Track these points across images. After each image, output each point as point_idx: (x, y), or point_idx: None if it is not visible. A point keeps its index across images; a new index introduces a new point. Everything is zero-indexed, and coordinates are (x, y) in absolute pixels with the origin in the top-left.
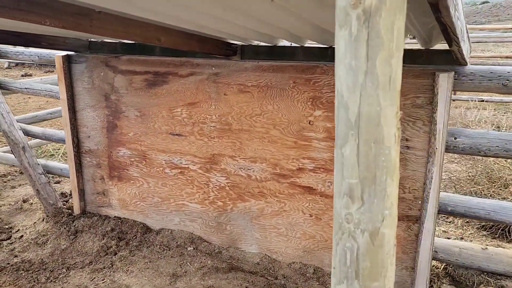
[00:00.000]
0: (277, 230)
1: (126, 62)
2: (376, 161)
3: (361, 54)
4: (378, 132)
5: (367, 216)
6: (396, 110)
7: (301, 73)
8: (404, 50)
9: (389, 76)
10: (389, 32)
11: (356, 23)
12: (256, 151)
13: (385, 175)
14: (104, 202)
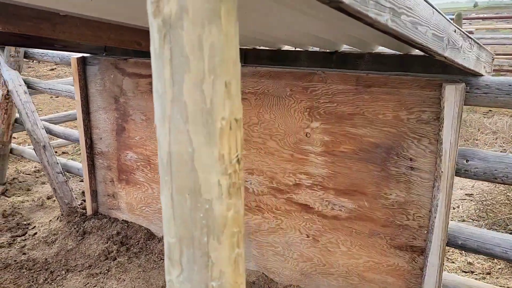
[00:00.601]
0: (274, 248)
1: (133, 65)
2: (193, 217)
3: (166, 76)
4: (192, 180)
5: (187, 287)
6: (221, 152)
7: (297, 81)
8: (416, 56)
9: (201, 106)
10: (196, 49)
11: (157, 36)
12: (253, 162)
13: (206, 236)
14: (114, 205)
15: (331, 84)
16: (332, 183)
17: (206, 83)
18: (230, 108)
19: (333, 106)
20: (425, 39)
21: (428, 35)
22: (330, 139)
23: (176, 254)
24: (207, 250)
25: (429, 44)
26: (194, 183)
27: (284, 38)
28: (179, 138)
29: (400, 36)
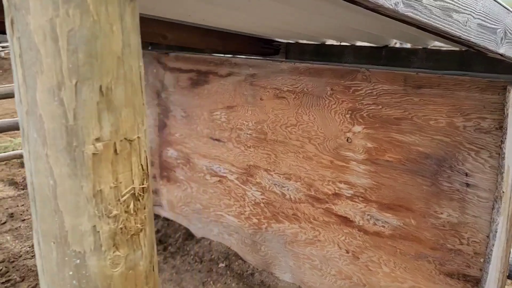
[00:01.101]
0: (311, 261)
1: (173, 60)
2: (61, 274)
3: (19, 78)
4: (57, 224)
5: None
6: (97, 186)
7: (339, 79)
8: (479, 53)
9: (61, 122)
10: (48, 39)
11: (7, 23)
12: (290, 167)
13: None
14: (156, 201)
15: (376, 83)
16: (375, 195)
17: (66, 89)
18: (114, 124)
19: (377, 108)
20: (465, 30)
21: (470, 25)
22: (373, 145)
23: None
24: None
25: (471, 37)
26: (59, 228)
27: (328, 32)
28: (38, 166)
29: (423, 26)
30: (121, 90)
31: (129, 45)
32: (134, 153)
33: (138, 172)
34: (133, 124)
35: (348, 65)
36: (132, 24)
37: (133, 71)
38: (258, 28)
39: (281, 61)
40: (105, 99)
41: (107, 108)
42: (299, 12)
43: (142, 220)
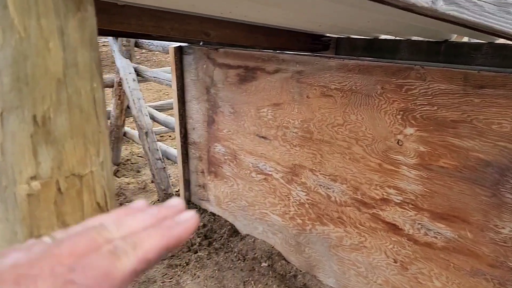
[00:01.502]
0: (356, 267)
1: (223, 55)
2: None
3: None
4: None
5: None
6: (34, 231)
7: (390, 77)
8: None
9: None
10: None
11: None
12: (336, 168)
13: None
14: (204, 196)
15: (432, 82)
16: (427, 203)
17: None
18: (55, 158)
19: (432, 109)
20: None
21: None
22: (426, 150)
23: None
24: None
25: None
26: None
27: (380, 28)
28: None
29: (471, 25)
30: (63, 119)
31: (75, 64)
32: (86, 190)
33: (92, 211)
34: (84, 156)
35: (401, 62)
36: (81, 39)
37: (82, 95)
38: (305, 24)
39: (329, 57)
40: (42, 130)
41: (45, 140)
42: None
43: None
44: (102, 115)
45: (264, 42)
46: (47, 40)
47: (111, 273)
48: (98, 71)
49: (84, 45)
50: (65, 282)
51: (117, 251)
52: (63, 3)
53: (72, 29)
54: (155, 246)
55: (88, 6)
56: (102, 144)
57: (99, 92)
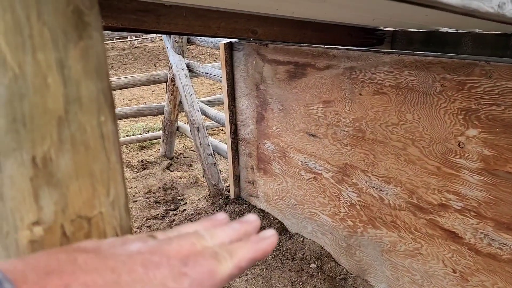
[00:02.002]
0: (410, 275)
1: (272, 51)
2: None
3: None
4: None
5: None
6: None
7: (451, 73)
8: None
9: None
10: None
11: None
12: (390, 169)
13: None
14: (253, 192)
15: (499, 79)
16: (492, 211)
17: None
18: (59, 202)
19: (499, 110)
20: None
21: None
22: (492, 153)
23: None
24: None
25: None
26: None
27: (440, 21)
28: None
29: None
30: (67, 159)
31: (78, 98)
32: (95, 232)
33: None
34: (91, 197)
35: (464, 57)
36: (85, 70)
37: (88, 131)
38: (357, 18)
39: (384, 52)
40: (43, 172)
41: (47, 183)
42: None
43: None
44: (112, 150)
45: (314, 38)
46: (45, 75)
47: (215, 273)
48: (107, 102)
49: (89, 76)
50: (179, 273)
51: (218, 256)
52: (62, 33)
53: (73, 60)
54: (247, 257)
55: (92, 33)
56: (113, 182)
57: (109, 125)
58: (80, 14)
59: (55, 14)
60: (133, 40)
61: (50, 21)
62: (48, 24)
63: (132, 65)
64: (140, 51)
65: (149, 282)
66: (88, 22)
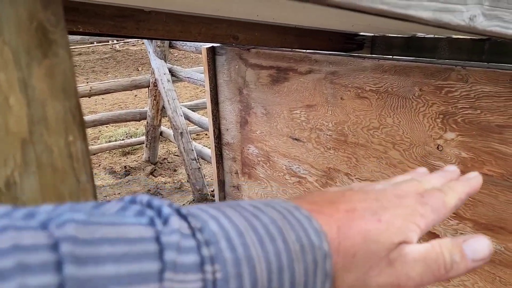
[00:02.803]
0: None
1: (255, 55)
2: None
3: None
4: None
5: None
6: None
7: (429, 78)
8: None
9: None
10: None
11: None
12: (372, 172)
13: None
14: (238, 197)
15: (475, 84)
16: (470, 212)
17: None
18: None
19: (475, 113)
20: None
21: None
22: (469, 156)
23: None
24: None
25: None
26: None
27: (419, 26)
28: None
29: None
30: (33, 181)
31: (43, 119)
32: None
33: None
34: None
35: (441, 62)
36: (50, 89)
37: (55, 152)
38: (337, 24)
39: (364, 57)
40: (7, 196)
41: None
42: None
43: None
44: (83, 170)
45: (295, 43)
46: (6, 97)
47: (445, 203)
48: (75, 121)
49: (55, 95)
50: (421, 202)
51: (444, 191)
52: (25, 52)
53: (37, 79)
54: (465, 191)
55: (59, 51)
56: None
57: (78, 145)
58: (45, 31)
59: (16, 32)
60: (114, 43)
61: (11, 39)
62: (9, 43)
63: (114, 69)
64: (122, 54)
65: (404, 207)
66: (54, 39)
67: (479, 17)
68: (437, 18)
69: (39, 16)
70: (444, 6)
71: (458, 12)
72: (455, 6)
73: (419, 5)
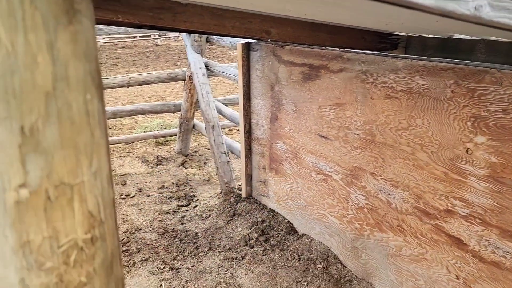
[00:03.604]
0: (415, 280)
1: (288, 52)
2: None
3: None
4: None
5: None
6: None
7: (462, 80)
8: None
9: None
10: None
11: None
12: (398, 174)
13: None
14: (264, 192)
15: (509, 87)
16: (497, 219)
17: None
18: (45, 168)
19: (508, 117)
20: None
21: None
22: (499, 161)
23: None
24: None
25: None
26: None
27: (455, 27)
28: None
29: None
30: (53, 130)
31: (65, 77)
32: (77, 198)
33: (84, 219)
34: (74, 167)
35: (475, 64)
36: (73, 52)
37: (73, 107)
38: (371, 22)
39: (397, 57)
40: (30, 140)
41: (34, 150)
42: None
43: (88, 272)
44: (97, 126)
45: (327, 41)
46: (35, 54)
47: None
48: (94, 83)
49: (77, 58)
50: None
51: None
52: (53, 17)
53: (62, 42)
54: None
55: (82, 19)
56: (96, 155)
57: (95, 103)
58: (71, 1)
59: (47, 0)
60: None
61: (41, 6)
62: (40, 8)
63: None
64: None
65: None
66: (79, 9)
67: (485, 7)
68: (440, 6)
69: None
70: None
71: (463, 2)
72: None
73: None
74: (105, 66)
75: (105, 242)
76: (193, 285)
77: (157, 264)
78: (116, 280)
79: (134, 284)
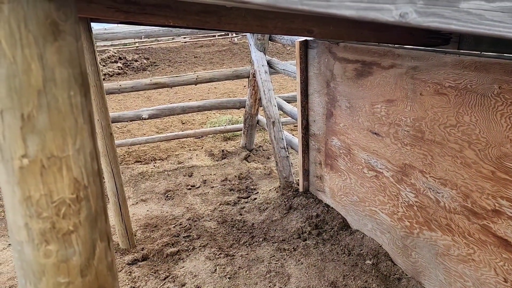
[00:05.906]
0: (463, 281)
1: (342, 49)
2: (13, 255)
3: None
4: (6, 217)
5: None
6: (25, 193)
7: (509, 75)
8: None
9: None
10: None
11: None
12: (447, 171)
13: (24, 279)
14: (320, 187)
15: None
16: None
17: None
18: (39, 144)
19: None
20: None
21: None
22: None
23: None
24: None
25: None
26: (6, 221)
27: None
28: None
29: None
30: (45, 117)
31: (53, 79)
32: (65, 168)
33: (70, 183)
34: (61, 144)
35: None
36: (59, 61)
37: (59, 101)
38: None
39: (445, 52)
40: (28, 124)
41: (31, 131)
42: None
43: (74, 223)
44: (80, 115)
45: (371, 38)
46: (29, 63)
47: None
48: (77, 83)
49: (62, 65)
50: None
51: None
52: (42, 37)
53: (50, 54)
54: None
55: (66, 36)
56: (80, 136)
57: (77, 98)
58: (56, 25)
59: (37, 25)
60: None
61: (33, 29)
62: (32, 31)
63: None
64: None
65: None
66: (63, 29)
67: (411, 14)
68: (362, 16)
69: (52, 15)
70: (368, 6)
71: (386, 10)
72: (382, 5)
73: (341, 4)
74: (184, 64)
75: (89, 202)
76: (244, 272)
77: (214, 250)
78: (100, 232)
79: (192, 267)
